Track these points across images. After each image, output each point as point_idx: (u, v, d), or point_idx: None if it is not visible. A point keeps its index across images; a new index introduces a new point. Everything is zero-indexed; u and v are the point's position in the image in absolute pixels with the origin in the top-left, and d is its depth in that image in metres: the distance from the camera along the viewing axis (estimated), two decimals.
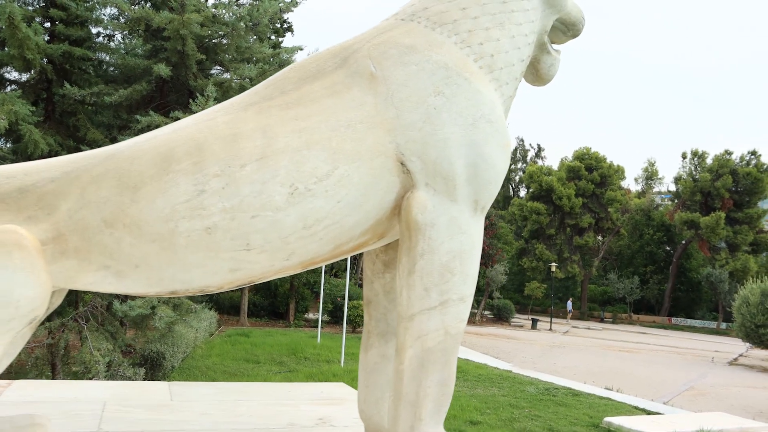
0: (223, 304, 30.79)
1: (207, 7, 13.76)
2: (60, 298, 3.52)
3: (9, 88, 14.20)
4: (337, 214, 3.25)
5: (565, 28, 4.27)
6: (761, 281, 29.70)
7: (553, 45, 4.31)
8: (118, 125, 14.73)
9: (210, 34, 13.58)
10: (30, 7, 14.39)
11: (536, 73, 4.23)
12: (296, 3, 27.84)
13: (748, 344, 31.17)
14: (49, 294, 3.05)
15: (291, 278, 28.16)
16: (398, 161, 3.35)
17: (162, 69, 12.45)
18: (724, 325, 53.73)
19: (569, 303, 56.19)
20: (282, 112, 3.33)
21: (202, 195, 3.09)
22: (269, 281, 25.48)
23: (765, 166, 57.03)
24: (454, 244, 3.38)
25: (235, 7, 14.52)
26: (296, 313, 30.56)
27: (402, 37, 3.56)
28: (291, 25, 31.47)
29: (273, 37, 26.92)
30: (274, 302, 31.38)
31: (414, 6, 3.79)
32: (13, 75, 14.42)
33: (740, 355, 33.48)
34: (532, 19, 3.89)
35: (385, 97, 3.39)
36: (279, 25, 29.98)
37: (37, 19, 13.96)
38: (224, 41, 14.00)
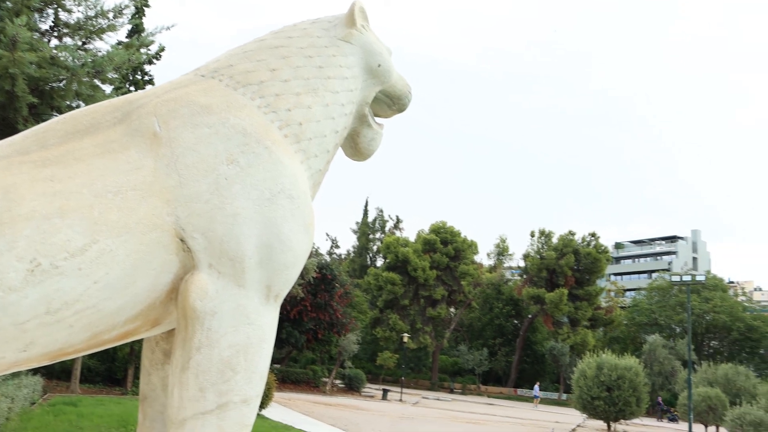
0: (53, 368, 28.10)
1: (46, 47, 12.73)
2: None
3: None
4: (94, 297, 2.67)
5: (390, 102, 4.00)
6: (597, 355, 31.24)
7: (377, 118, 4.04)
8: None
9: (47, 76, 12.52)
10: None
11: (355, 146, 3.90)
12: (159, 56, 26.96)
13: (584, 415, 32.42)
14: None
15: (133, 340, 26.24)
16: (178, 237, 2.85)
17: None
18: (564, 396, 55.95)
19: (536, 387, 54.73)
20: (35, 171, 2.74)
21: None
22: None
23: (603, 248, 61.49)
24: (239, 337, 2.89)
25: (80, 52, 13.57)
26: (135, 380, 28.38)
27: (198, 95, 3.12)
28: (152, 78, 30.31)
29: (132, 89, 25.79)
30: (112, 367, 29.13)
31: (218, 62, 3.37)
32: None
33: (578, 426, 34.70)
34: (351, 87, 3.58)
35: (167, 161, 2.90)
36: (140, 77, 28.85)
37: None
38: (62, 86, 12.98)
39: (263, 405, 21.78)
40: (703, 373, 39.78)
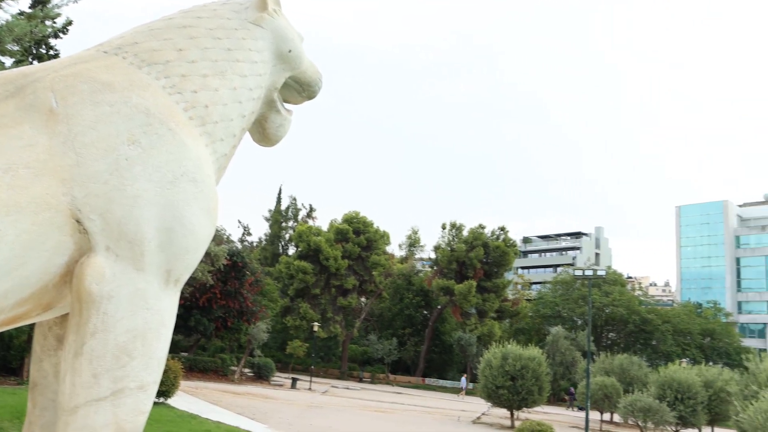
0: None
1: None
2: None
3: None
4: None
5: (300, 88, 3.97)
6: (503, 346, 32.18)
7: (286, 104, 4.01)
8: None
9: None
10: None
11: (263, 132, 3.85)
12: (66, 30, 25.74)
13: (489, 404, 33.34)
14: None
15: (29, 327, 25.07)
16: (73, 218, 2.74)
17: None
18: (471, 386, 57.32)
19: (464, 379, 55.17)
20: None
21: None
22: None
23: (511, 242, 63.31)
24: (137, 322, 2.82)
25: None
26: None
27: (99, 72, 3.00)
28: (58, 53, 28.94)
29: (36, 63, 24.49)
30: (6, 356, 27.61)
31: (123, 39, 3.25)
32: None
33: (483, 414, 35.68)
34: (260, 72, 3.53)
35: (64, 138, 2.79)
36: (44, 51, 27.51)
37: None
38: None
39: (169, 394, 21.26)
40: (601, 363, 41.67)
